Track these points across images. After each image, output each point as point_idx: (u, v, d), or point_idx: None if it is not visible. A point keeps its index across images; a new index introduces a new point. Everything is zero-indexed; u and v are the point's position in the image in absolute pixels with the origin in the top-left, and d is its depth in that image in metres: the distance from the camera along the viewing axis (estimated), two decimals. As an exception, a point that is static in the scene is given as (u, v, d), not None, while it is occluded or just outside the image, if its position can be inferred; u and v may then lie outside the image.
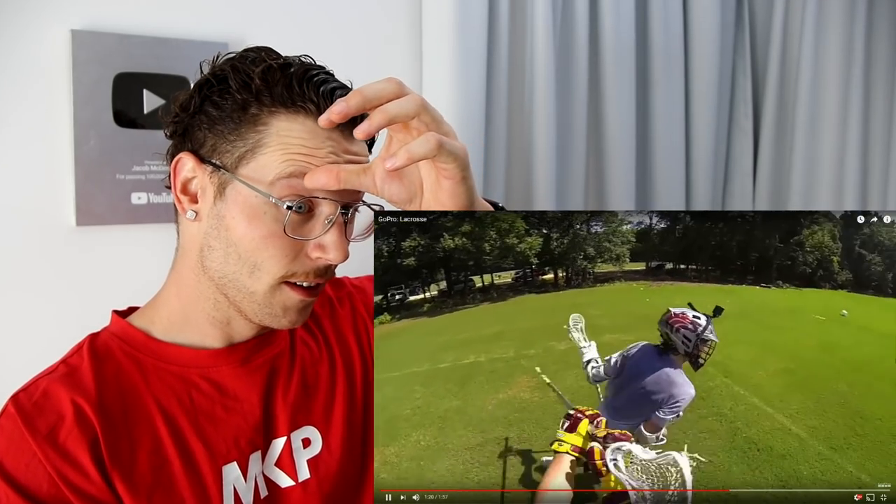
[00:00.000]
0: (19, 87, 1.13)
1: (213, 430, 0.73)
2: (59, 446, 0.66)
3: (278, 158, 0.67)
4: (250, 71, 0.68)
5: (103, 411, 0.69)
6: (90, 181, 1.18)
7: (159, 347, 0.75)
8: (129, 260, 1.21)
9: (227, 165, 0.68)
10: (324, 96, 0.68)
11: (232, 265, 0.70)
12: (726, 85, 1.84)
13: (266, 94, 0.67)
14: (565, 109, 1.60)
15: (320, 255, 0.69)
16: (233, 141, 0.68)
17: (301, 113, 0.68)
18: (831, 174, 1.84)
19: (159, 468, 0.70)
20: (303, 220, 0.69)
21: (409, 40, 1.45)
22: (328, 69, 0.72)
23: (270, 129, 0.67)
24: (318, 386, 0.82)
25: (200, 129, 0.70)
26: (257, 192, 0.67)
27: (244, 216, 0.68)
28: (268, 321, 0.73)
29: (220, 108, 0.68)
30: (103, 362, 0.73)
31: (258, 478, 0.75)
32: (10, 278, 1.15)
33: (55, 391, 0.69)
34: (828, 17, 1.80)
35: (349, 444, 0.81)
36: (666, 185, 1.76)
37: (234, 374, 0.76)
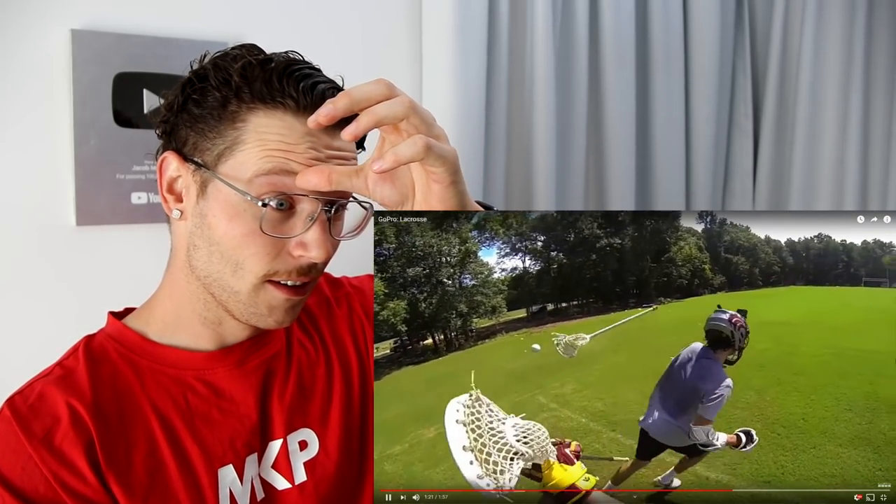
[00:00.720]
0: (19, 86, 1.13)
1: (209, 432, 0.73)
2: (54, 449, 0.66)
3: (256, 155, 0.66)
4: (230, 68, 0.67)
5: (98, 413, 0.69)
6: (90, 181, 1.18)
7: (155, 349, 0.75)
8: (129, 260, 1.21)
9: (207, 163, 0.68)
10: (304, 92, 0.67)
11: (215, 264, 0.70)
12: (726, 85, 1.84)
13: (245, 91, 0.67)
14: (565, 109, 1.60)
15: (302, 252, 0.69)
16: (213, 139, 0.68)
17: (280, 109, 0.67)
18: (831, 174, 1.84)
19: (155, 471, 0.69)
20: (283, 218, 0.68)
21: (409, 40, 1.45)
22: (314, 65, 0.71)
23: (248, 126, 0.67)
24: (315, 388, 0.81)
25: (184, 127, 0.69)
26: (235, 189, 0.66)
27: (225, 214, 0.68)
28: (255, 321, 0.72)
29: (202, 106, 0.68)
30: (99, 364, 0.72)
31: (254, 480, 0.75)
32: (10, 278, 1.15)
33: (50, 394, 0.69)
34: (828, 17, 1.80)
35: (346, 447, 0.81)
36: (666, 185, 1.76)
37: (229, 376, 0.76)
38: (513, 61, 1.54)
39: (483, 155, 1.48)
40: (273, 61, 0.68)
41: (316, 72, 0.70)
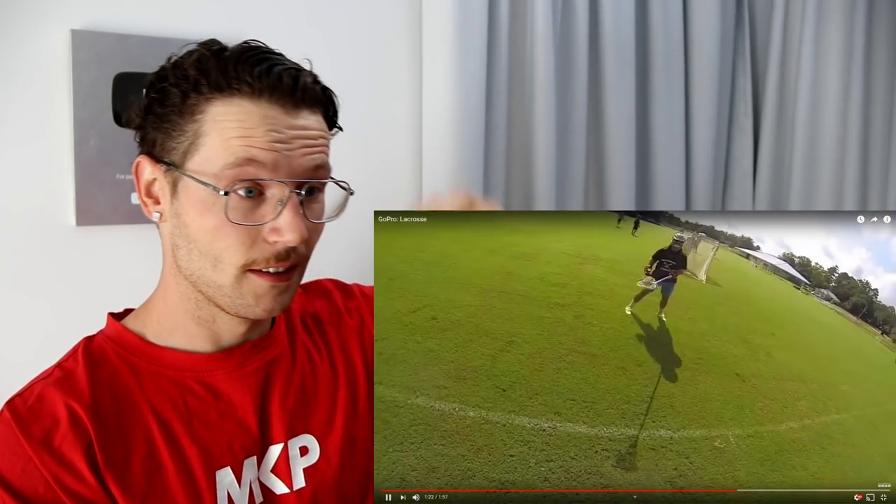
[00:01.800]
0: (19, 86, 1.13)
1: (208, 433, 0.73)
2: (54, 451, 0.66)
3: (219, 147, 0.66)
4: (186, 63, 0.68)
5: (97, 415, 0.69)
6: (90, 181, 1.18)
7: (154, 351, 0.75)
8: (129, 260, 1.21)
9: (175, 162, 0.68)
10: (259, 76, 0.66)
11: (196, 261, 0.70)
12: (726, 85, 1.84)
13: (203, 83, 0.67)
14: (565, 109, 1.60)
15: (276, 238, 0.68)
16: (177, 137, 0.68)
17: (236, 95, 0.67)
18: (831, 174, 1.83)
19: (153, 472, 0.70)
20: (254, 206, 0.68)
21: (409, 40, 1.45)
22: (274, 50, 0.70)
23: (206, 117, 0.67)
24: (318, 395, 0.81)
25: (151, 130, 0.70)
26: (201, 182, 0.66)
27: (196, 210, 0.68)
28: (244, 312, 0.72)
29: (164, 105, 0.68)
30: (98, 366, 0.72)
31: (254, 484, 0.75)
32: (10, 278, 1.14)
33: (50, 395, 0.69)
34: (828, 17, 1.80)
35: (348, 456, 0.80)
36: (666, 185, 1.75)
37: (228, 379, 0.76)
38: (513, 61, 1.54)
39: (483, 155, 1.48)
40: (228, 50, 0.68)
41: (274, 56, 0.69)
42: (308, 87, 0.69)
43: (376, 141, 1.44)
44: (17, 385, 0.71)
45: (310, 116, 0.70)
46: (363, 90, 1.41)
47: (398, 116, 1.46)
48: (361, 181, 1.41)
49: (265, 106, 0.67)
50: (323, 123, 0.73)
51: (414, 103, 1.46)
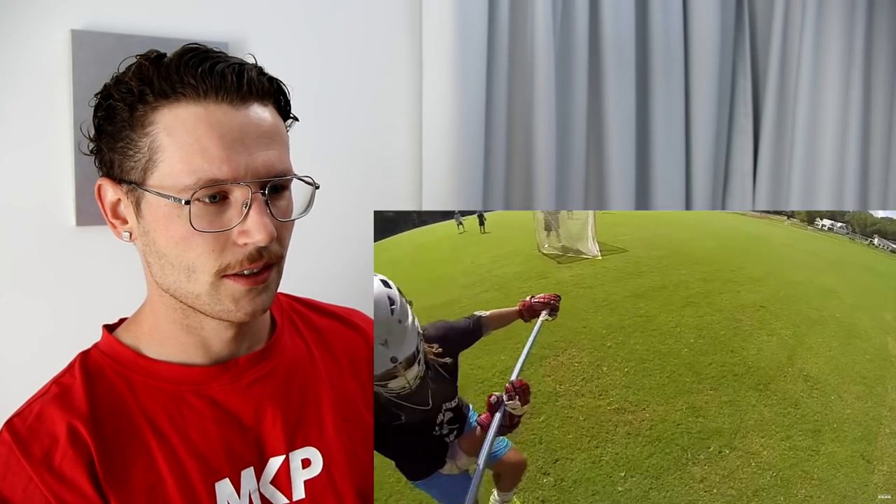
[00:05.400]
0: (19, 86, 1.13)
1: (205, 444, 0.73)
2: (54, 470, 0.66)
3: (177, 161, 0.65)
4: (126, 77, 0.67)
5: (97, 430, 0.69)
6: (90, 181, 1.16)
7: (149, 365, 0.74)
8: (129, 260, 1.20)
9: (136, 180, 0.68)
10: (202, 76, 0.65)
11: (170, 274, 0.69)
12: (726, 85, 1.83)
13: (148, 92, 0.66)
14: (565, 109, 1.60)
15: (246, 240, 0.68)
16: (133, 155, 0.67)
17: (182, 100, 0.66)
18: (831, 174, 1.83)
19: (154, 486, 0.70)
20: (219, 211, 0.67)
21: (410, 41, 1.45)
22: (215, 49, 0.69)
23: (158, 128, 0.66)
24: (322, 408, 0.81)
25: (107, 151, 0.69)
26: (163, 196, 0.66)
27: (161, 225, 0.67)
28: (226, 316, 0.71)
29: (113, 123, 0.68)
30: (95, 381, 0.72)
31: (254, 495, 0.74)
32: (10, 278, 1.14)
33: (49, 413, 0.69)
34: (828, 17, 1.80)
35: (352, 470, 0.80)
36: (666, 185, 1.75)
37: (225, 391, 0.75)
38: (513, 61, 1.54)
39: (483, 155, 1.48)
40: (167, 57, 0.67)
41: (215, 54, 0.68)
42: (254, 81, 0.68)
43: (376, 141, 1.44)
44: (17, 383, 0.71)
45: (261, 110, 0.69)
46: (363, 90, 1.41)
47: (398, 116, 1.46)
48: (361, 181, 1.42)
49: (213, 107, 0.66)
50: (276, 116, 0.71)
51: (414, 103, 1.46)
